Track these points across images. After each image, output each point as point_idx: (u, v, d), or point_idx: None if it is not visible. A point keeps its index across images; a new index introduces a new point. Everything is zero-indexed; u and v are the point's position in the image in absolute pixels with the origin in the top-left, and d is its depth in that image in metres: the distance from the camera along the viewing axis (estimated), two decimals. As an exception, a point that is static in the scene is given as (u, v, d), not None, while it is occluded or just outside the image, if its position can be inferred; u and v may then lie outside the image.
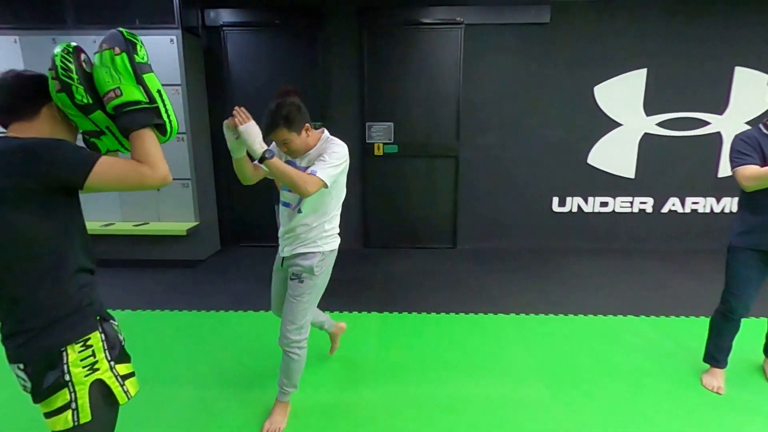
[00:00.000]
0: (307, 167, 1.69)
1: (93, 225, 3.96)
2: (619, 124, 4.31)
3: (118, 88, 1.02)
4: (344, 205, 1.93)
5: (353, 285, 3.57)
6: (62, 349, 1.01)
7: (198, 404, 2.06)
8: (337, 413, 1.99)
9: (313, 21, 4.16)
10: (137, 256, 4.07)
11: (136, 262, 4.04)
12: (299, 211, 1.76)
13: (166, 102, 1.11)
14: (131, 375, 1.15)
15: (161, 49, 3.72)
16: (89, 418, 1.04)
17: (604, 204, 4.50)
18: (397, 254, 4.40)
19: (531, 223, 4.56)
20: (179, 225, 3.96)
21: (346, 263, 3.98)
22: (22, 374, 1.04)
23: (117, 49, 1.04)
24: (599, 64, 4.18)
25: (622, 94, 4.24)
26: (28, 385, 1.04)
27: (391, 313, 3.03)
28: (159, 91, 1.09)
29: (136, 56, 1.06)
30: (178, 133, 3.71)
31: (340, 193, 1.82)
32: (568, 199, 4.51)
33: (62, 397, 1.02)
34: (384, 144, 4.37)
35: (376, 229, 4.59)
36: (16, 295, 1.00)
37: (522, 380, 2.25)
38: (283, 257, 1.86)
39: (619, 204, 4.50)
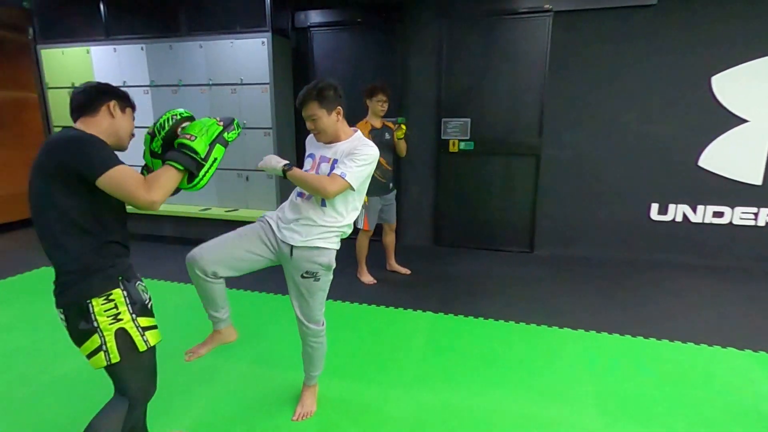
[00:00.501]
0: (332, 158, 1.71)
1: (193, 209, 4.51)
2: (744, 121, 3.63)
3: (196, 137, 1.31)
4: (416, 201, 1.92)
5: (415, 282, 3.56)
6: (88, 301, 1.24)
7: (250, 379, 2.23)
8: (364, 410, 2.00)
9: (393, 16, 4.19)
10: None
11: (226, 244, 4.51)
12: (323, 204, 1.71)
13: (212, 169, 1.37)
14: (152, 327, 1.36)
15: (254, 51, 4.07)
16: (119, 358, 1.28)
17: (718, 214, 3.84)
18: (467, 255, 4.26)
19: (622, 231, 4.07)
20: (258, 213, 4.30)
21: (413, 259, 3.99)
22: (62, 318, 1.30)
23: (221, 123, 1.36)
24: (718, 50, 3.56)
25: (749, 86, 3.56)
26: (65, 325, 1.30)
27: (447, 315, 2.95)
28: (215, 159, 1.35)
29: (225, 133, 1.37)
30: (264, 128, 4.04)
31: (362, 193, 1.80)
32: (671, 206, 3.93)
33: (94, 340, 1.26)
34: (459, 140, 4.25)
35: (448, 227, 4.50)
36: (54, 249, 1.24)
37: (573, 403, 2.04)
38: (292, 246, 1.70)
39: (739, 215, 3.79)
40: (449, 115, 4.23)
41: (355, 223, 1.84)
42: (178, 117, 1.39)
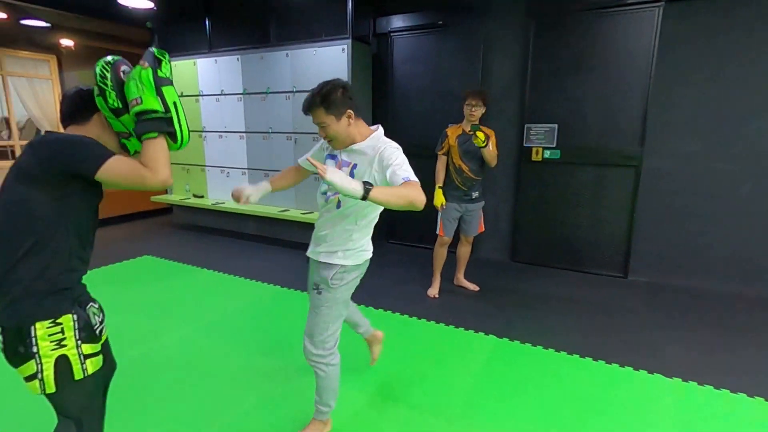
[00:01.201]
0: (352, 163, 1.57)
1: (272, 209, 4.74)
2: None
3: (140, 97, 1.15)
4: (493, 212, 1.71)
5: (483, 300, 3.30)
6: (31, 324, 1.12)
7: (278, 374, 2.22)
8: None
9: (475, 18, 3.97)
10: (305, 240, 4.68)
11: (302, 245, 4.66)
12: (338, 206, 1.59)
13: (180, 113, 1.21)
14: (94, 354, 1.24)
15: (334, 58, 4.15)
16: (53, 389, 1.16)
17: None
18: (547, 274, 3.86)
19: (739, 260, 3.37)
20: (334, 217, 4.37)
21: (485, 274, 3.73)
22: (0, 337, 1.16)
23: (145, 64, 1.17)
24: None
25: None
26: (2, 348, 1.17)
27: (512, 341, 2.67)
28: (175, 103, 1.19)
29: (159, 71, 1.18)
30: None
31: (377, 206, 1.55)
32: (818, 234, 3.14)
33: (30, 366, 1.14)
34: (544, 148, 3.87)
35: (526, 242, 4.13)
36: (15, 262, 1.11)
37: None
38: (308, 257, 1.73)
39: None
40: (533, 120, 3.88)
41: None
42: (110, 62, 1.20)
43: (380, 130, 1.65)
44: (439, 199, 3.19)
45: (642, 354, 2.50)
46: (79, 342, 1.19)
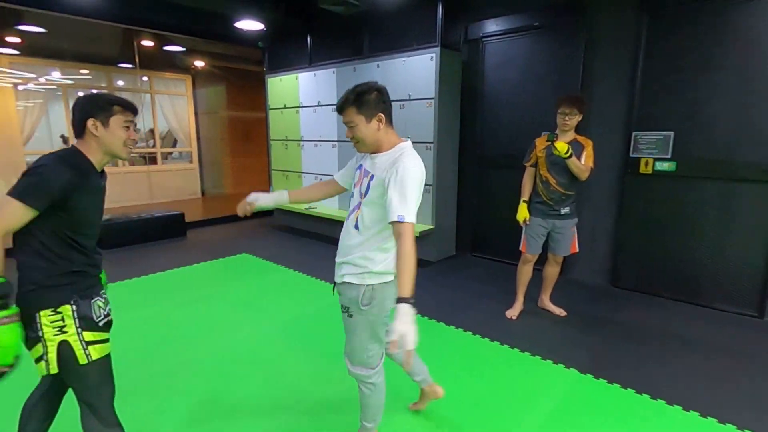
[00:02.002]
0: (371, 173, 1.51)
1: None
2: None
3: None
4: (590, 229, 1.54)
5: (569, 327, 2.97)
6: (36, 311, 1.29)
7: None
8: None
9: (576, 16, 3.63)
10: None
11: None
12: (356, 227, 1.53)
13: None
14: (99, 342, 1.37)
15: (423, 67, 4.12)
16: (56, 370, 1.31)
17: None
18: (654, 304, 3.34)
19: None
20: (416, 227, 4.33)
21: (576, 298, 3.39)
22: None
23: None
24: None
25: None
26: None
27: (597, 378, 2.34)
28: None
29: None
30: (426, 142, 3.92)
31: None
32: None
33: (38, 349, 1.31)
34: (655, 159, 3.37)
35: (630, 266, 3.62)
36: (20, 261, 1.31)
37: None
38: (335, 283, 1.66)
39: None
40: (643, 127, 3.40)
41: None
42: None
43: (408, 143, 1.57)
44: (522, 213, 2.98)
45: (772, 417, 2.01)
46: (79, 330, 1.33)
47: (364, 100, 1.47)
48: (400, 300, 1.32)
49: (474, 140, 4.41)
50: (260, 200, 1.78)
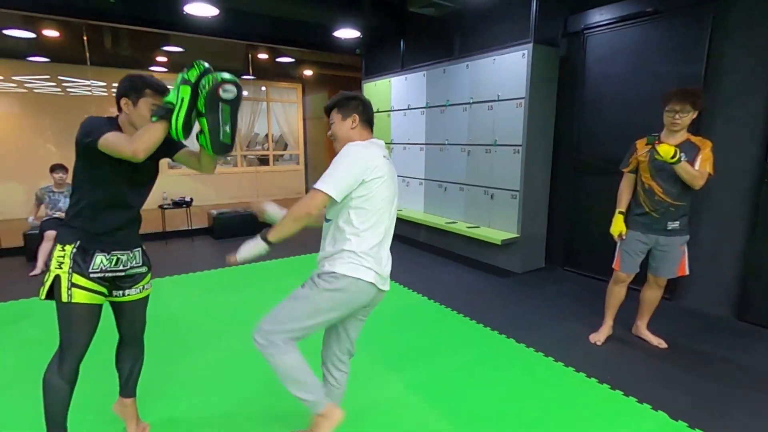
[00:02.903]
0: None
1: (439, 220, 4.76)
2: None
3: (170, 90, 1.46)
4: (710, 248, 1.38)
5: (667, 361, 2.51)
6: (55, 244, 1.53)
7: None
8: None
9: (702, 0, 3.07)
10: (467, 253, 4.56)
11: (464, 258, 4.54)
12: (326, 219, 1.62)
13: (183, 108, 1.41)
14: (83, 288, 1.50)
15: (513, 65, 3.89)
16: (43, 297, 1.51)
17: None
18: (796, 347, 2.67)
19: None
20: (498, 234, 4.09)
21: (685, 329, 2.91)
22: None
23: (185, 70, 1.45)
24: None
25: None
26: None
27: (693, 429, 1.94)
28: (182, 99, 1.40)
29: (185, 74, 1.43)
30: (514, 145, 3.68)
31: (366, 207, 1.50)
32: None
33: (45, 276, 1.52)
34: (805, 166, 2.69)
35: (763, 295, 2.94)
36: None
37: None
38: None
39: None
40: (788, 126, 2.74)
41: None
42: (219, 80, 1.42)
43: (372, 140, 1.63)
44: (617, 226, 2.59)
45: None
46: (71, 270, 1.49)
47: (345, 104, 1.63)
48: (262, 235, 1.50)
49: (570, 143, 4.01)
50: (269, 211, 1.76)
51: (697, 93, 2.34)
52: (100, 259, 1.54)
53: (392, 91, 5.54)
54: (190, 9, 4.30)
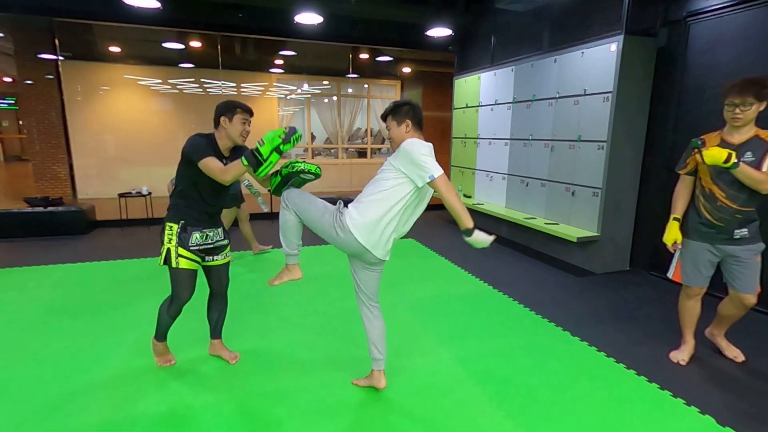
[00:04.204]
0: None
1: (518, 215, 4.77)
2: None
3: (264, 145, 1.84)
4: None
5: (747, 378, 2.32)
6: (165, 222, 2.09)
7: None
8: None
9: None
10: (546, 251, 4.52)
11: (543, 255, 4.50)
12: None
13: (269, 167, 1.87)
14: (185, 258, 2.07)
15: (602, 58, 3.76)
16: (161, 263, 2.09)
17: None
18: None
19: None
20: (576, 231, 4.00)
21: None
22: None
23: (282, 137, 1.84)
24: None
25: None
26: None
27: (743, 436, 1.85)
28: (271, 162, 1.86)
29: (282, 145, 1.84)
30: (598, 140, 3.60)
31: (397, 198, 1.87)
32: None
33: (161, 248, 2.08)
34: None
35: None
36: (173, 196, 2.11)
37: None
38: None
39: None
40: None
41: None
42: (301, 169, 1.95)
43: (421, 140, 1.90)
44: (671, 234, 2.35)
45: None
46: (176, 245, 2.06)
47: (398, 111, 1.94)
48: (466, 231, 1.81)
49: (665, 140, 3.75)
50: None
51: (762, 82, 2.07)
52: (195, 236, 2.10)
53: (481, 86, 5.63)
54: (299, 18, 4.92)
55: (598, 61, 3.82)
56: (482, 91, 5.61)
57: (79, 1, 4.86)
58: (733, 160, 2.04)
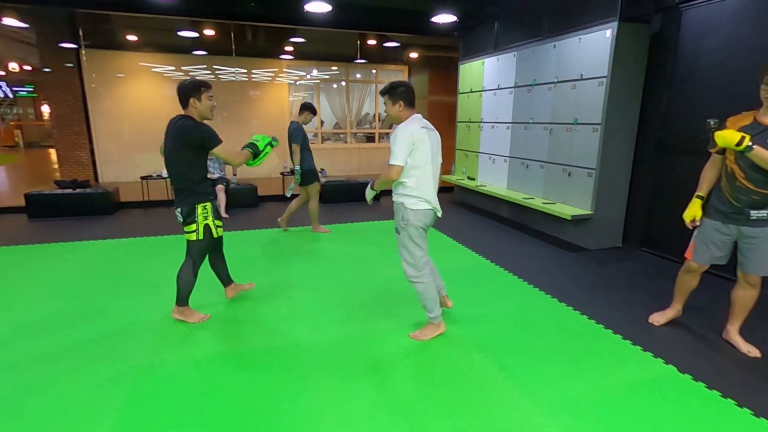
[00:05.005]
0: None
1: (518, 195, 5.00)
2: None
3: (259, 141, 2.64)
4: None
5: (760, 374, 2.22)
6: (195, 205, 2.45)
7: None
8: None
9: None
10: (544, 229, 4.77)
11: (541, 234, 4.75)
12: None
13: (263, 156, 2.62)
14: (220, 226, 2.60)
15: (598, 44, 3.94)
16: (202, 237, 2.51)
17: None
18: None
19: None
20: (570, 209, 4.24)
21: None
22: (178, 214, 2.49)
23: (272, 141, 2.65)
24: None
25: None
26: (180, 219, 2.49)
27: None
28: (266, 152, 2.64)
29: (272, 142, 2.69)
30: (593, 123, 3.85)
31: (418, 163, 2.28)
32: None
33: (192, 227, 2.48)
34: None
35: None
36: (180, 180, 2.43)
37: None
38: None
39: None
40: None
41: None
42: (269, 142, 2.66)
43: (413, 116, 2.31)
44: (692, 211, 2.39)
45: None
46: (212, 218, 2.54)
47: (393, 92, 2.31)
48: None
49: (657, 123, 3.94)
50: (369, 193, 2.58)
51: None
52: (216, 205, 2.61)
53: (485, 71, 5.81)
54: (309, 7, 5.13)
55: (594, 46, 3.99)
56: (486, 76, 5.79)
57: (102, -7, 5.13)
58: (746, 143, 2.04)
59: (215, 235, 2.55)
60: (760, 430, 1.80)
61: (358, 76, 9.76)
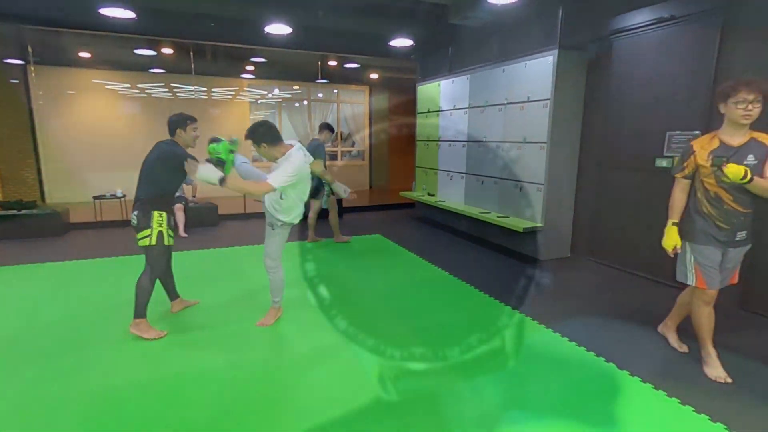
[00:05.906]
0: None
1: (474, 210, 5.24)
2: None
3: (221, 154, 2.51)
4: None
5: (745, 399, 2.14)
6: (152, 211, 2.61)
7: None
8: None
9: (717, 5, 3.26)
10: (499, 242, 5.00)
11: (497, 246, 4.98)
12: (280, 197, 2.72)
13: (229, 163, 2.51)
14: (171, 237, 2.72)
15: (542, 69, 4.27)
16: (155, 242, 2.63)
17: None
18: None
19: None
20: (522, 222, 4.49)
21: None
22: (134, 218, 2.63)
23: (231, 144, 2.60)
24: None
25: None
26: (134, 222, 2.62)
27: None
28: (228, 158, 2.50)
29: (231, 146, 2.55)
30: (539, 142, 4.07)
31: (295, 196, 2.71)
32: None
33: (146, 232, 2.61)
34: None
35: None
36: (147, 190, 2.62)
37: None
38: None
39: None
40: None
41: None
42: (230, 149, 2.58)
43: (294, 148, 2.65)
44: (671, 239, 2.34)
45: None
46: (166, 227, 2.67)
47: (254, 136, 2.61)
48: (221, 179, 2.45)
49: (596, 140, 4.29)
50: (202, 171, 2.49)
51: (764, 81, 2.08)
52: (170, 218, 2.75)
53: (441, 92, 6.09)
54: (269, 29, 5.24)
55: (539, 71, 4.33)
56: (442, 96, 6.08)
57: (55, 9, 5.02)
58: (750, 176, 2.06)
59: (166, 243, 2.68)
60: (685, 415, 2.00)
61: (320, 95, 9.90)
